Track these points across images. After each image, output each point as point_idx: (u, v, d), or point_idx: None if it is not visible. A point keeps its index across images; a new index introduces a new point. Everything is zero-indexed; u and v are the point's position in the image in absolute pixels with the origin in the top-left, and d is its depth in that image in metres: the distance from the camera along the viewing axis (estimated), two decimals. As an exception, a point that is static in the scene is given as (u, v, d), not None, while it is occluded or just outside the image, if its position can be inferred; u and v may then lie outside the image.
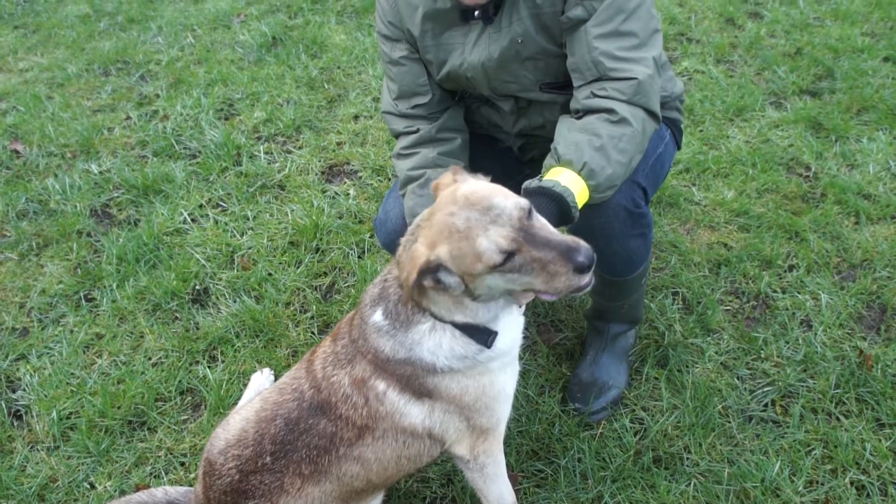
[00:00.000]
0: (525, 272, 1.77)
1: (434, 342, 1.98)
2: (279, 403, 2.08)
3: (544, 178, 2.12)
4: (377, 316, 2.02)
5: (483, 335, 1.98)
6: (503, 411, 2.18)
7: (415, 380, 2.01)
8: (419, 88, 2.59)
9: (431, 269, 1.80)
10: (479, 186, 1.84)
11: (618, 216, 2.39)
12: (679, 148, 2.81)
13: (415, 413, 2.04)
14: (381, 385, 2.01)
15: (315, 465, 2.03)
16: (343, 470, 2.05)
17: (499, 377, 2.11)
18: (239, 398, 2.93)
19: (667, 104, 2.68)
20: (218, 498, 2.06)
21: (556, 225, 2.04)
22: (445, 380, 2.02)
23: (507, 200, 1.77)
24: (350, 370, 2.03)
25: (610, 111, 2.18)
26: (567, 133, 2.21)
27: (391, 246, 2.69)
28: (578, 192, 2.09)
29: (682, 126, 2.83)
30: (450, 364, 1.99)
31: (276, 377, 2.96)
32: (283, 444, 2.02)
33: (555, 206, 2.06)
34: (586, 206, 2.21)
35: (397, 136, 2.67)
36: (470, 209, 1.76)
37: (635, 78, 2.19)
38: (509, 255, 1.73)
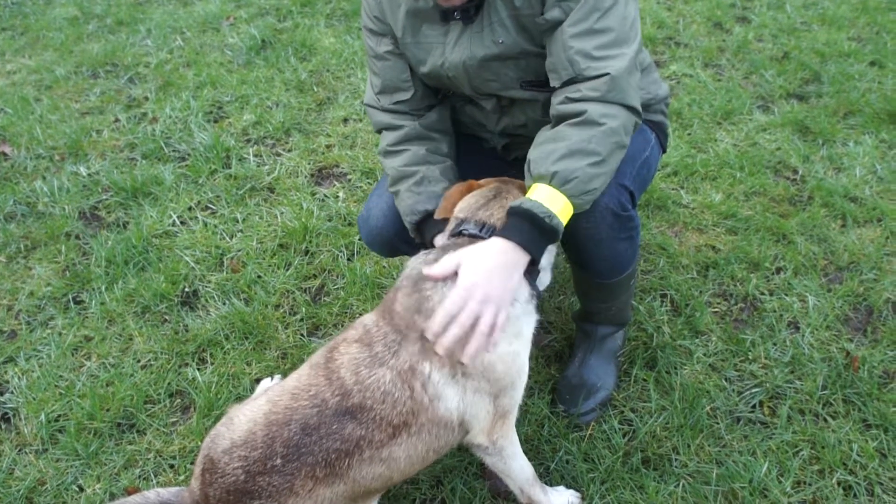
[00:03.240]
0: None
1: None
2: (293, 409, 2.05)
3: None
4: None
5: (535, 286, 2.10)
6: (522, 390, 2.22)
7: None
8: (402, 84, 2.59)
9: None
10: None
11: (605, 219, 2.40)
12: (665, 151, 2.82)
13: (450, 395, 2.04)
14: (426, 367, 2.01)
15: (331, 469, 2.01)
16: (364, 472, 2.04)
17: (524, 348, 2.16)
18: (228, 401, 2.92)
19: (652, 107, 2.68)
20: (219, 496, 2.04)
21: (539, 242, 2.06)
22: None
23: None
24: (395, 362, 2.02)
25: (579, 114, 2.15)
26: (538, 147, 2.19)
27: (373, 243, 2.70)
28: (560, 205, 2.07)
29: (668, 130, 2.84)
30: (513, 310, 2.07)
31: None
32: (297, 448, 2.00)
33: (526, 222, 2.05)
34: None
35: (380, 130, 2.66)
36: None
37: (607, 73, 2.15)
38: None
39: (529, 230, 2.04)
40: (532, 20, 2.31)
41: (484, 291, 1.95)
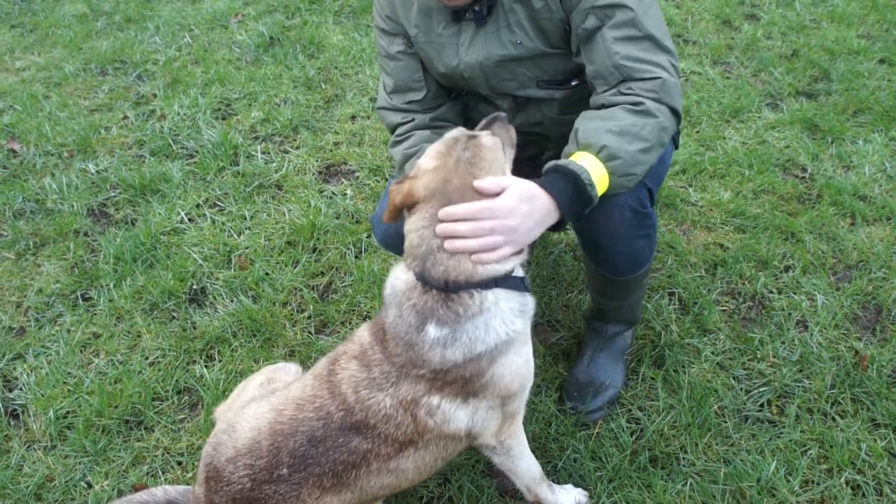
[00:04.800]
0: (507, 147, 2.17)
1: (500, 312, 1.99)
2: (299, 420, 2.04)
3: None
4: (431, 332, 1.96)
5: (517, 282, 2.02)
6: (529, 390, 2.22)
7: (477, 376, 2.00)
8: (414, 84, 2.61)
9: None
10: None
11: (624, 216, 2.39)
12: (677, 147, 2.82)
13: (461, 417, 2.04)
14: (435, 399, 2.00)
15: (339, 479, 2.02)
16: (372, 482, 2.05)
17: (530, 348, 2.16)
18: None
19: None
20: (225, 503, 2.06)
21: (574, 206, 2.06)
22: (503, 362, 2.02)
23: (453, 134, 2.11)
24: (394, 392, 2.00)
25: (636, 104, 2.18)
26: (588, 120, 2.22)
27: (387, 242, 2.70)
28: (598, 176, 2.09)
29: (680, 126, 2.84)
30: (515, 326, 2.01)
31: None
32: (304, 458, 2.01)
33: (569, 184, 2.05)
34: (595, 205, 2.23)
35: (393, 128, 2.67)
36: (447, 154, 2.03)
37: (660, 77, 2.20)
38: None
39: (571, 193, 2.04)
40: (551, 23, 2.31)
41: (514, 224, 1.94)
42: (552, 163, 2.12)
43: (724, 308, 3.24)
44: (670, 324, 3.15)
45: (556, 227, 2.07)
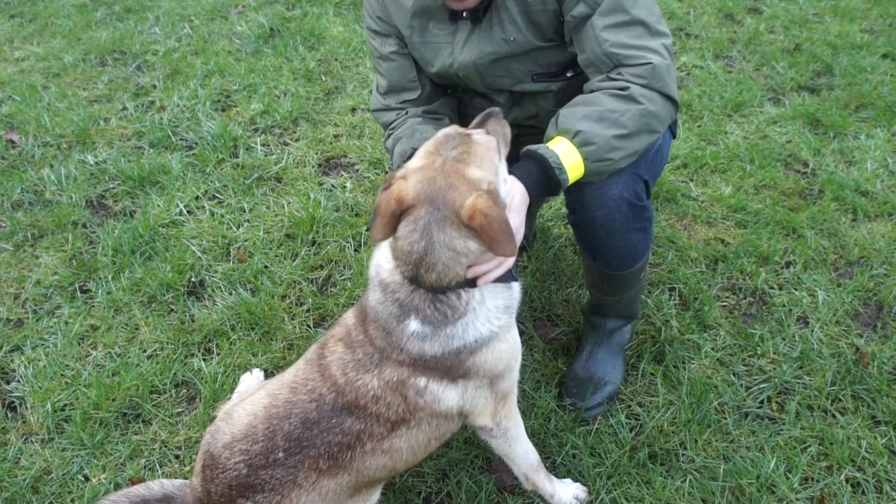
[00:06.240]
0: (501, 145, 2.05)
1: (485, 311, 2.02)
2: (293, 402, 2.05)
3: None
4: (413, 325, 1.98)
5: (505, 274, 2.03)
6: (518, 369, 2.24)
7: (458, 366, 2.02)
8: (409, 84, 2.60)
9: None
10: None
11: (620, 209, 2.39)
12: (675, 136, 2.80)
13: (451, 396, 2.06)
14: (421, 381, 2.01)
15: (335, 461, 2.03)
16: (367, 463, 2.06)
17: (515, 331, 2.17)
18: (233, 391, 2.92)
19: None
20: (221, 491, 2.04)
21: (542, 189, 2.12)
22: (485, 351, 2.04)
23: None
24: (379, 373, 2.01)
25: (622, 89, 2.19)
26: (570, 105, 2.24)
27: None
28: (572, 162, 2.13)
29: (678, 114, 2.83)
30: (500, 323, 2.04)
31: (267, 375, 2.96)
32: (299, 441, 2.01)
33: (537, 167, 2.10)
34: (588, 197, 2.22)
35: (388, 125, 2.68)
36: (435, 153, 1.94)
37: (650, 62, 2.20)
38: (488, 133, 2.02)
39: (537, 176, 2.10)
40: (544, 15, 2.30)
41: (520, 236, 2.01)
42: (526, 148, 2.17)
43: (725, 304, 3.23)
44: (670, 319, 3.14)
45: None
